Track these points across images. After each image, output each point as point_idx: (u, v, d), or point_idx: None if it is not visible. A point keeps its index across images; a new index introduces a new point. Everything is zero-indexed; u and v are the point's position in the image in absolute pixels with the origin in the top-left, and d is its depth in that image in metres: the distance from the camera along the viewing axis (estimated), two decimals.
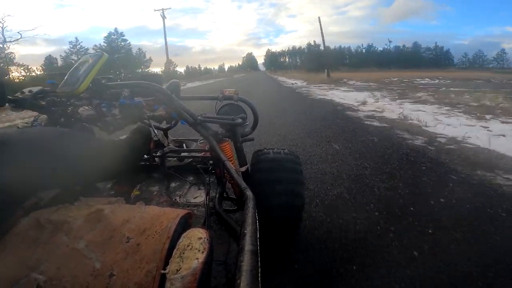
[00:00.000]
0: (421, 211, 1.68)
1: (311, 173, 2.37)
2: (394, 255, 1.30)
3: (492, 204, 1.73)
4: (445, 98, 7.19)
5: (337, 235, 1.46)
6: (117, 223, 0.55)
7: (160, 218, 0.56)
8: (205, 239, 0.51)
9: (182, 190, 1.19)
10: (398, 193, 1.94)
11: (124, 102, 1.04)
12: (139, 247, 0.50)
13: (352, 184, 2.10)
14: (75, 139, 0.78)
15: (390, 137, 3.58)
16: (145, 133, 1.21)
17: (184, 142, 1.68)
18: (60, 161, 0.66)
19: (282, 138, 3.66)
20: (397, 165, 2.53)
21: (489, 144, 3.00)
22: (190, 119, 1.05)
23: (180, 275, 0.44)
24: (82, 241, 0.51)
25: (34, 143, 0.64)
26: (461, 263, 1.22)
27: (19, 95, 1.01)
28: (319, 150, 3.07)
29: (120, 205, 0.68)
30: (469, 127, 3.84)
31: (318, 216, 1.65)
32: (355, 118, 5.07)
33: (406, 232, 1.47)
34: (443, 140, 3.32)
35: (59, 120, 1.04)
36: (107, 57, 1.00)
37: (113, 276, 0.46)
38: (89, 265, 0.48)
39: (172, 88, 1.18)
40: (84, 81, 0.90)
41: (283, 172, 1.15)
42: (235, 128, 1.16)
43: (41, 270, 0.47)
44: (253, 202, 0.63)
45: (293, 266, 1.26)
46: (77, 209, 0.60)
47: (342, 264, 1.25)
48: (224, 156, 0.97)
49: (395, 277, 1.16)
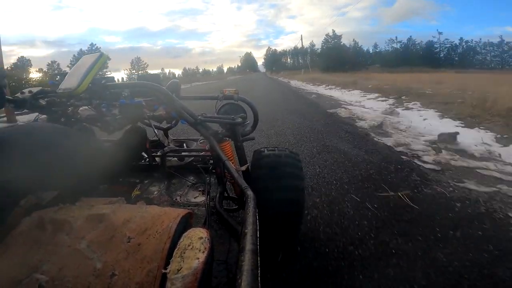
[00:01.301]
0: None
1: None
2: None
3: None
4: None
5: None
6: (118, 223, 0.55)
7: (161, 218, 0.56)
8: (205, 239, 0.51)
9: (182, 190, 1.19)
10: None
11: (124, 102, 1.04)
12: (140, 247, 0.51)
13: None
14: (68, 138, 0.77)
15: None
16: (140, 133, 1.21)
17: (185, 142, 1.69)
18: (51, 160, 0.66)
19: None
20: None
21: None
22: (190, 119, 1.05)
23: (181, 274, 0.45)
24: (83, 241, 0.51)
25: (14, 142, 0.63)
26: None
27: (19, 96, 1.01)
28: None
29: (121, 205, 0.68)
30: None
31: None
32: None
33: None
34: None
35: (59, 120, 1.05)
36: (107, 57, 1.00)
37: (115, 276, 0.47)
38: (90, 265, 0.48)
39: (172, 88, 1.18)
40: (83, 82, 0.90)
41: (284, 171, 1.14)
42: (235, 127, 1.16)
43: (43, 270, 0.47)
44: (253, 201, 0.63)
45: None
46: (78, 209, 0.61)
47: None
48: (224, 155, 0.97)
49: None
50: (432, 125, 4.09)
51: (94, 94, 1.01)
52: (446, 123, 4.26)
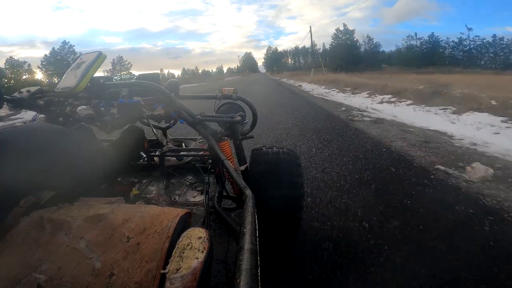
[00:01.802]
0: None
1: None
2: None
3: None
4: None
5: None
6: (117, 222, 0.55)
7: (159, 218, 0.56)
8: (204, 239, 0.51)
9: (181, 190, 1.19)
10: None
11: (123, 102, 1.04)
12: (139, 246, 0.51)
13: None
14: (66, 138, 0.77)
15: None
16: (137, 133, 1.20)
17: (183, 141, 1.68)
18: (49, 160, 0.66)
19: None
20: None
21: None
22: (189, 118, 1.05)
23: (180, 274, 0.45)
24: (82, 241, 0.51)
25: (13, 142, 0.62)
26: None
27: (16, 95, 1.01)
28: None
29: (119, 204, 0.68)
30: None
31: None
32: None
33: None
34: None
35: (57, 120, 1.04)
36: (105, 56, 1.00)
37: (114, 276, 0.47)
38: (89, 264, 0.48)
39: (171, 88, 1.18)
40: (82, 81, 0.90)
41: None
42: (234, 126, 1.16)
43: (41, 270, 0.47)
44: (252, 201, 0.63)
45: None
46: (77, 209, 0.61)
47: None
48: (223, 155, 0.97)
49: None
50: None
51: (92, 93, 1.00)
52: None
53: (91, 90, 0.98)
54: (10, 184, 0.55)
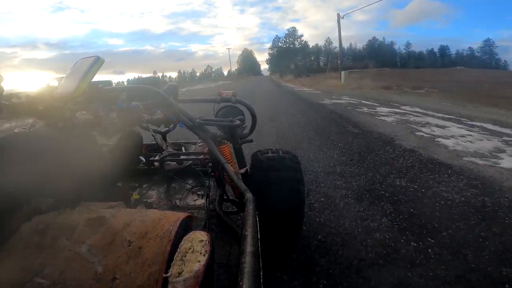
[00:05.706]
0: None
1: None
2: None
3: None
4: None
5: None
6: (119, 227, 0.56)
7: (161, 222, 0.56)
8: (206, 242, 0.51)
9: (182, 193, 1.19)
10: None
11: (122, 106, 1.04)
12: (141, 250, 0.51)
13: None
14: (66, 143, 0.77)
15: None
16: (135, 139, 1.20)
17: (183, 145, 1.69)
18: (50, 166, 0.66)
19: None
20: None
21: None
22: (188, 122, 1.05)
23: (182, 278, 0.45)
24: (84, 245, 0.51)
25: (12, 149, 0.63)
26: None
27: (14, 100, 1.01)
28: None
29: (121, 209, 0.68)
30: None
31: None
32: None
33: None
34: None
35: (56, 125, 1.04)
36: (103, 60, 1.00)
37: (116, 280, 0.47)
38: (91, 269, 0.48)
39: (170, 92, 1.18)
40: (80, 85, 0.90)
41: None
42: (234, 130, 1.16)
43: (44, 274, 0.47)
44: (253, 203, 0.63)
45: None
46: (78, 214, 0.61)
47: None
48: (223, 158, 0.97)
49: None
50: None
51: (91, 98, 1.01)
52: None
53: (90, 95, 0.99)
54: (11, 190, 0.55)
